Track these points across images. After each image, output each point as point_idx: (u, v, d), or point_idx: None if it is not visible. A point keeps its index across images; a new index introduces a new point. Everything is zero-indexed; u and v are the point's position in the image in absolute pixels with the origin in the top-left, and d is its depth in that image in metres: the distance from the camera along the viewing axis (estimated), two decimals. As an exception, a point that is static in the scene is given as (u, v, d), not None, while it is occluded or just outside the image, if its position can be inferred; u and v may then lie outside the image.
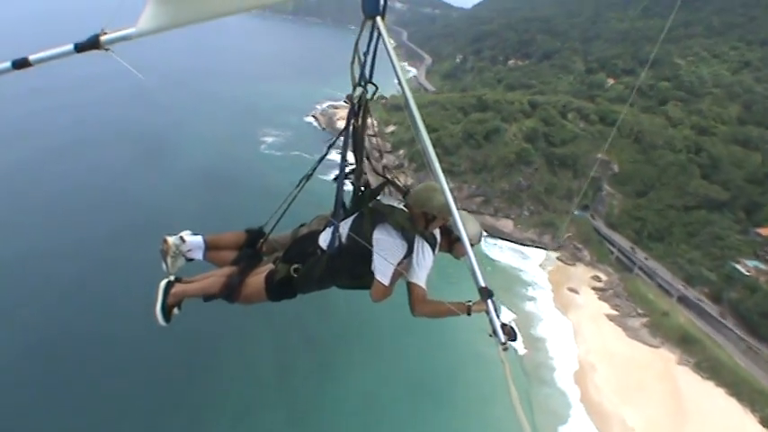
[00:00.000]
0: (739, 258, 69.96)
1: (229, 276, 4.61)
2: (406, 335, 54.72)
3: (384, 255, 4.32)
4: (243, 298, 4.57)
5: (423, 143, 3.27)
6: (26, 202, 64.19)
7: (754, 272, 68.03)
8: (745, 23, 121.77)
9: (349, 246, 4.36)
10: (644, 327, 64.84)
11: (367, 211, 4.50)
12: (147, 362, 44.03)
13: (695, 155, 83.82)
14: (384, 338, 54.33)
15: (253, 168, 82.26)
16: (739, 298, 65.88)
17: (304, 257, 4.48)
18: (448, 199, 3.42)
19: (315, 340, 52.50)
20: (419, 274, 4.45)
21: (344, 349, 52.29)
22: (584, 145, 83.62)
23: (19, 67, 3.53)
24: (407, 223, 4.41)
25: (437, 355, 53.86)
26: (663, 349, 62.17)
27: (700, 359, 60.46)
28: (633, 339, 62.77)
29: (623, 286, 70.71)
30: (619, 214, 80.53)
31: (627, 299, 68.79)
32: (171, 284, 4.81)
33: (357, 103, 4.24)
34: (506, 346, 3.52)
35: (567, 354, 59.26)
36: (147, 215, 61.76)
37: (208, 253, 4.96)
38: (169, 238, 4.81)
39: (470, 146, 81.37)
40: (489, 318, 3.55)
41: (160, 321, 4.76)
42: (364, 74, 4.05)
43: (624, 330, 63.90)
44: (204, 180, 76.00)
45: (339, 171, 4.26)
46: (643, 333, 63.93)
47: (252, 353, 48.97)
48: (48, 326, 46.29)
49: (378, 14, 3.15)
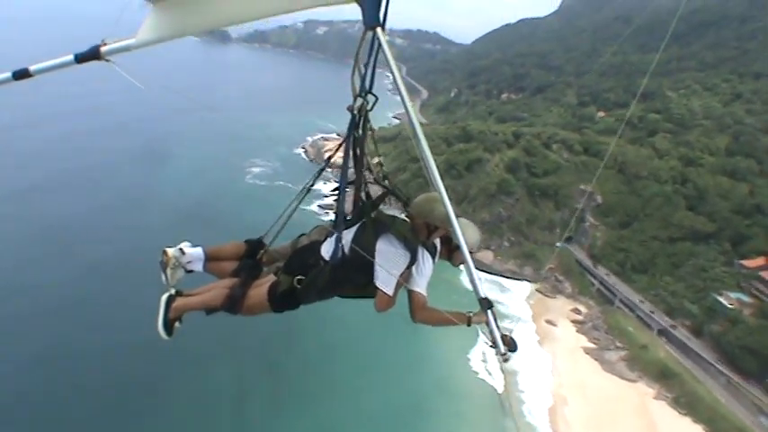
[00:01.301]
0: (723, 291, 68.68)
1: (231, 288, 4.60)
2: (370, 369, 54.58)
3: (387, 265, 4.31)
4: (245, 310, 4.59)
5: (422, 153, 3.26)
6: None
7: (738, 304, 66.63)
8: (738, 56, 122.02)
9: (352, 256, 4.35)
10: (622, 360, 63.59)
11: (369, 221, 4.47)
12: (92, 384, 43.84)
13: (681, 186, 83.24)
14: (346, 370, 53.90)
15: (234, 198, 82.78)
16: (721, 331, 64.45)
17: (306, 268, 4.47)
18: (448, 209, 3.42)
19: (276, 367, 51.96)
20: (419, 281, 4.45)
21: (304, 379, 51.50)
22: (567, 176, 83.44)
23: (19, 78, 3.56)
24: (410, 233, 4.41)
25: (398, 395, 52.76)
26: (640, 383, 60.86)
27: (678, 394, 59.07)
28: (609, 373, 61.59)
29: (603, 319, 69.65)
30: (602, 246, 79.73)
31: (606, 332, 67.59)
32: (172, 298, 4.82)
33: (357, 114, 4.28)
34: (507, 357, 3.52)
35: (539, 387, 58.16)
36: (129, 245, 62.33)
37: (208, 264, 4.97)
38: (169, 250, 4.83)
39: (452, 176, 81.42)
40: (489, 328, 3.56)
41: (162, 336, 4.78)
42: (364, 85, 4.10)
43: (601, 364, 62.65)
44: (184, 208, 76.55)
45: (340, 181, 4.28)
46: (620, 367, 62.63)
47: (209, 377, 48.54)
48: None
49: (378, 25, 3.14)
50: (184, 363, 47.97)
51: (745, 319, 64.35)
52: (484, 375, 58.26)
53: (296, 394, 49.08)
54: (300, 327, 53.83)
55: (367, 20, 3.10)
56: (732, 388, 60.19)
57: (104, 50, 3.33)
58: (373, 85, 4.18)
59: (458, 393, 54.90)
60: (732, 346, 62.36)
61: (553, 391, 57.81)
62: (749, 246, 73.99)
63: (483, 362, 60.48)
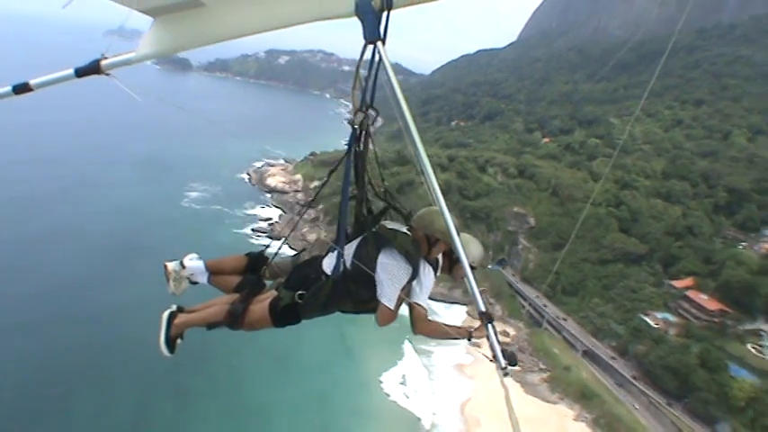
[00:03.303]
0: (649, 311, 68.33)
1: (232, 304, 4.53)
2: (280, 394, 53.28)
3: (389, 280, 4.23)
4: (246, 325, 4.53)
5: (423, 168, 3.18)
6: None
7: (663, 324, 66.40)
8: (682, 84, 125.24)
9: (353, 271, 4.29)
10: (544, 382, 62.82)
11: (371, 235, 4.36)
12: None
13: (615, 208, 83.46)
14: (255, 395, 52.55)
15: (165, 223, 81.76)
16: (644, 351, 63.82)
17: (307, 283, 4.40)
18: (447, 221, 3.32)
19: (182, 392, 50.62)
20: (420, 294, 4.39)
21: (211, 404, 50.35)
22: (500, 198, 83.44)
23: (20, 92, 3.52)
24: (411, 247, 4.33)
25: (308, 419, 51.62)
26: (562, 405, 60.00)
27: (598, 415, 58.22)
28: (531, 395, 60.53)
29: (529, 341, 68.68)
30: (534, 268, 79.28)
31: (531, 354, 66.76)
32: (174, 315, 4.76)
33: (359, 128, 4.15)
34: (507, 371, 3.34)
35: (454, 411, 57.06)
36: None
37: (212, 278, 4.96)
38: (169, 264, 4.89)
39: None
40: (490, 342, 3.45)
41: (164, 353, 4.72)
42: (365, 99, 4.00)
43: (522, 386, 61.54)
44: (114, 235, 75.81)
45: (342, 196, 4.17)
46: (542, 389, 61.83)
47: (111, 396, 47.49)
48: None
49: (378, 39, 3.10)
50: (85, 384, 47.42)
51: (669, 338, 63.93)
52: (397, 398, 57.17)
53: (200, 420, 48.19)
54: (211, 351, 52.03)
55: (367, 34, 3.09)
56: (653, 408, 59.38)
57: (105, 64, 3.31)
58: (374, 99, 4.06)
59: (371, 417, 53.91)
60: (654, 365, 61.85)
61: (467, 413, 56.72)
62: (679, 266, 74.31)
63: (402, 384, 59.50)
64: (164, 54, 3.30)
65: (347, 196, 4.18)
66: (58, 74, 3.44)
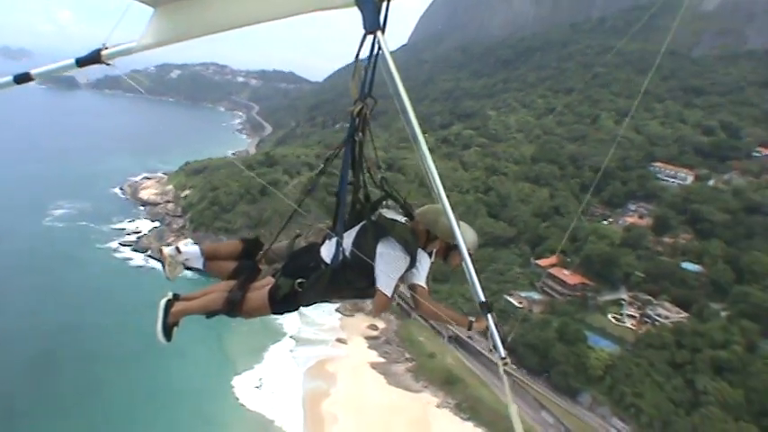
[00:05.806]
0: (513, 291, 68.37)
1: (230, 291, 4.43)
2: (126, 405, 50.04)
3: (388, 268, 4.18)
4: (245, 313, 4.46)
5: (427, 167, 3.27)
6: None
7: (527, 303, 66.58)
8: (556, 75, 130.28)
9: (352, 259, 4.24)
10: (408, 372, 61.56)
11: (369, 224, 4.33)
12: None
13: (484, 194, 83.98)
14: (100, 408, 49.44)
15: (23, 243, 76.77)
16: (507, 330, 63.38)
17: (305, 271, 4.32)
18: (450, 219, 3.40)
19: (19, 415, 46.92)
20: (420, 276, 4.38)
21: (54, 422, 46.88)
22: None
23: (21, 82, 3.54)
24: (410, 237, 4.29)
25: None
26: (426, 393, 58.75)
27: (460, 400, 57.39)
28: (394, 386, 59.18)
29: (397, 332, 67.32)
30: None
31: (398, 345, 65.62)
32: (171, 303, 4.61)
33: (357, 117, 4.09)
34: (507, 361, 3.44)
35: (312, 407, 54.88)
36: None
37: (207, 263, 4.85)
38: (165, 249, 4.78)
39: (247, 201, 78.52)
40: (490, 333, 3.53)
41: (161, 340, 4.58)
42: (364, 88, 3.99)
43: (386, 377, 60.19)
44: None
45: (340, 184, 4.26)
46: (406, 378, 60.46)
47: None
48: None
49: (378, 29, 3.09)
50: None
51: (532, 316, 64.19)
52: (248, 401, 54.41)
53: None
54: (51, 364, 51.57)
55: (367, 24, 3.08)
56: (517, 386, 58.69)
57: (105, 54, 3.30)
58: (372, 88, 4.06)
59: (222, 423, 51.24)
60: (516, 343, 61.43)
61: (325, 410, 54.50)
62: (546, 246, 75.16)
63: (257, 388, 56.69)
64: (165, 43, 3.22)
65: (345, 184, 4.25)
66: (59, 64, 3.44)
